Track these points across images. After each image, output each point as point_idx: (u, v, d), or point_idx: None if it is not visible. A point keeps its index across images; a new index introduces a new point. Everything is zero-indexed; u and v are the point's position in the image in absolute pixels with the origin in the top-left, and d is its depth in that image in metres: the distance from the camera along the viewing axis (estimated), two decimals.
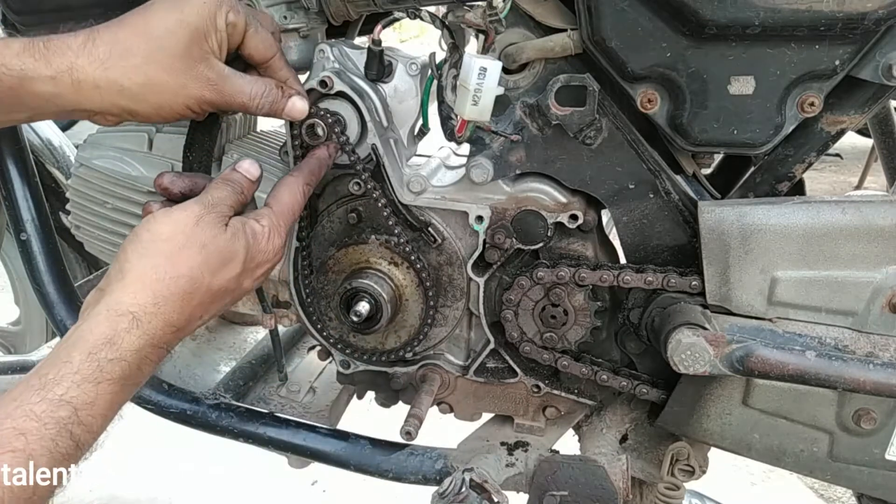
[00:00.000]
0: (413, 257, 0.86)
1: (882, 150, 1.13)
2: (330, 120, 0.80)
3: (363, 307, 0.83)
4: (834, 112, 0.77)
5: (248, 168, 0.73)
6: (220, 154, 0.95)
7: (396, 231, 0.84)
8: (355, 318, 0.83)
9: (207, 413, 1.02)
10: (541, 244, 0.84)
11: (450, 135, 0.79)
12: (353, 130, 0.83)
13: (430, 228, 0.86)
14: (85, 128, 1.13)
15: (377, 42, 0.83)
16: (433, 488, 0.84)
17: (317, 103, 0.81)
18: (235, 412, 1.02)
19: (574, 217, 0.82)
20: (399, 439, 0.90)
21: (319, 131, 0.81)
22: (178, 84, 0.70)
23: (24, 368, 1.20)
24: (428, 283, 0.87)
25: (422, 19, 0.80)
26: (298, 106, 0.76)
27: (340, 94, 0.81)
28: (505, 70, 0.79)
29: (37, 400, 0.55)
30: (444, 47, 0.80)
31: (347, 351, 0.94)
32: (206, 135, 0.84)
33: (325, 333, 0.93)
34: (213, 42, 0.70)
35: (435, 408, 0.97)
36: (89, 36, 0.67)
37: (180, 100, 0.70)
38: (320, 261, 0.89)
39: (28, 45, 0.65)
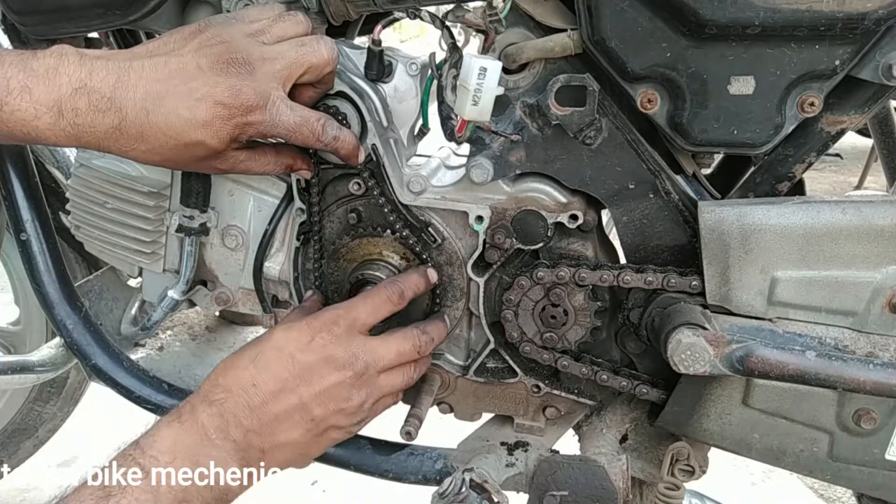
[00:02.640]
0: (425, 255, 0.87)
1: (882, 150, 1.13)
2: (339, 117, 0.80)
3: None
4: (834, 112, 0.77)
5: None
6: None
7: (397, 229, 0.85)
8: None
9: None
10: (541, 244, 0.84)
11: (450, 135, 0.79)
12: (353, 130, 0.83)
13: (430, 228, 0.86)
14: None
15: (377, 42, 0.83)
16: (433, 488, 0.84)
17: (320, 102, 0.81)
18: None
19: (574, 217, 0.82)
20: (399, 439, 0.90)
21: None
22: (191, 169, 0.78)
23: (24, 368, 1.20)
24: (437, 281, 0.88)
25: (422, 19, 0.80)
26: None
27: (340, 94, 0.81)
28: (505, 70, 0.79)
29: None
30: (444, 47, 0.80)
31: None
32: None
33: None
34: (233, 146, 0.73)
35: (435, 408, 0.97)
36: (118, 127, 0.67)
37: None
38: (333, 248, 0.90)
39: (59, 120, 0.66)
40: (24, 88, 0.64)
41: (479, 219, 0.84)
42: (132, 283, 1.15)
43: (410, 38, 7.80)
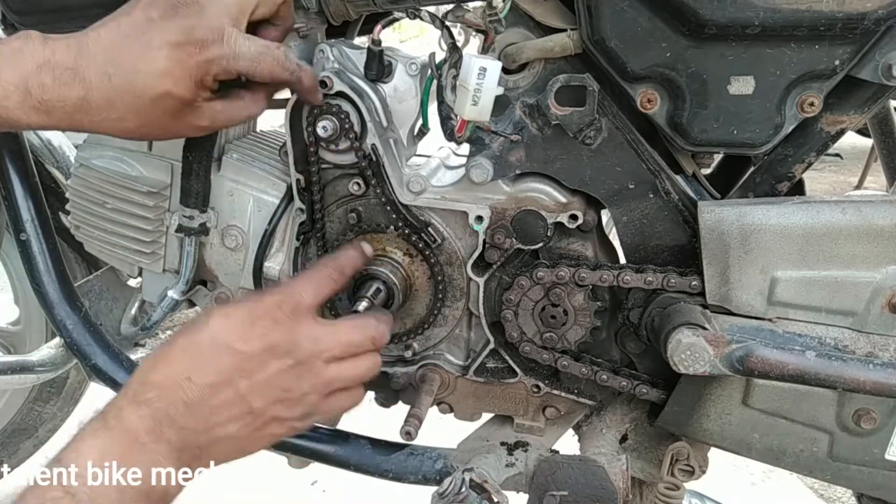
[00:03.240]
0: (427, 252, 0.87)
1: (882, 150, 1.12)
2: (342, 115, 0.80)
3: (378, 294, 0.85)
4: (834, 112, 0.77)
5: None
6: (219, 154, 0.95)
7: (399, 227, 0.85)
8: (367, 307, 0.83)
9: None
10: (541, 244, 0.84)
11: (450, 135, 0.79)
12: (353, 130, 0.83)
13: (429, 228, 0.86)
14: None
15: (377, 42, 0.83)
16: (433, 488, 0.84)
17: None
18: None
19: (574, 217, 0.82)
20: (399, 439, 0.90)
21: (329, 127, 0.81)
22: (172, 135, 0.75)
23: (24, 368, 1.20)
24: (440, 278, 0.88)
25: (422, 19, 0.80)
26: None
27: (340, 94, 0.81)
28: (505, 70, 0.79)
29: None
30: (444, 47, 0.80)
31: None
32: (205, 135, 0.84)
33: (333, 313, 0.94)
34: (203, 94, 0.71)
35: (435, 408, 0.97)
36: (84, 97, 0.68)
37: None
38: (337, 243, 0.90)
39: (27, 97, 0.67)
40: None
41: (479, 219, 0.84)
42: (132, 283, 1.15)
43: (410, 38, 7.80)
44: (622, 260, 0.87)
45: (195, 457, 0.66)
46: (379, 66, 0.84)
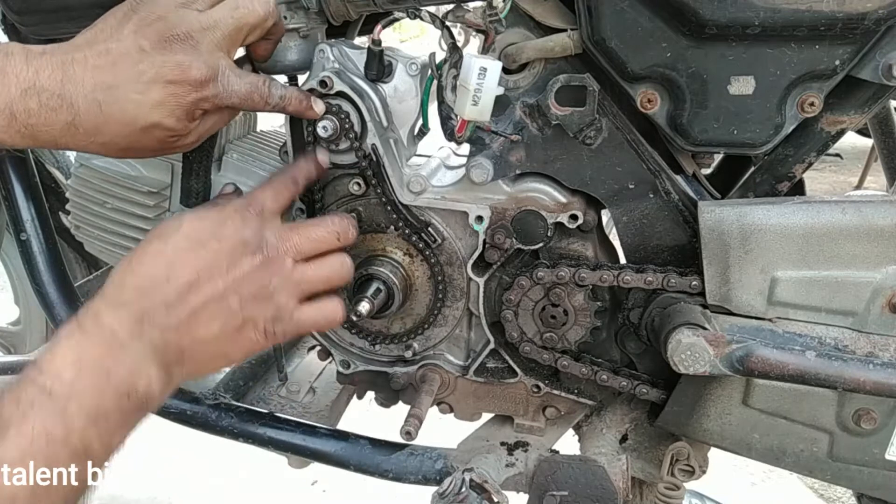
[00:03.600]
0: (427, 252, 0.87)
1: (882, 150, 1.13)
2: (342, 115, 0.80)
3: (377, 294, 0.85)
4: (834, 112, 0.77)
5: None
6: (220, 154, 0.95)
7: (399, 227, 0.85)
8: (367, 308, 0.83)
9: (207, 413, 1.02)
10: (541, 244, 0.84)
11: (450, 135, 0.79)
12: (354, 129, 0.83)
13: (429, 228, 0.86)
14: None
15: (377, 42, 0.83)
16: (433, 488, 0.84)
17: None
18: (235, 412, 1.02)
19: (574, 217, 0.82)
20: (399, 439, 0.90)
21: (329, 127, 0.81)
22: (158, 155, 0.77)
23: (24, 368, 1.20)
24: (440, 278, 0.88)
25: (422, 19, 0.80)
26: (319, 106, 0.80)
27: (340, 94, 0.81)
28: (505, 70, 0.79)
29: None
30: (444, 47, 0.80)
31: (353, 331, 0.94)
32: None
33: None
34: (192, 124, 0.72)
35: (435, 408, 0.97)
36: (72, 123, 0.67)
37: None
38: None
39: (12, 122, 0.66)
40: None
41: (479, 219, 0.84)
42: None
43: (410, 38, 7.81)
44: (622, 260, 0.87)
45: (177, 361, 0.66)
46: (379, 66, 0.84)
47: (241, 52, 0.79)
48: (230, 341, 0.69)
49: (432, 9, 0.80)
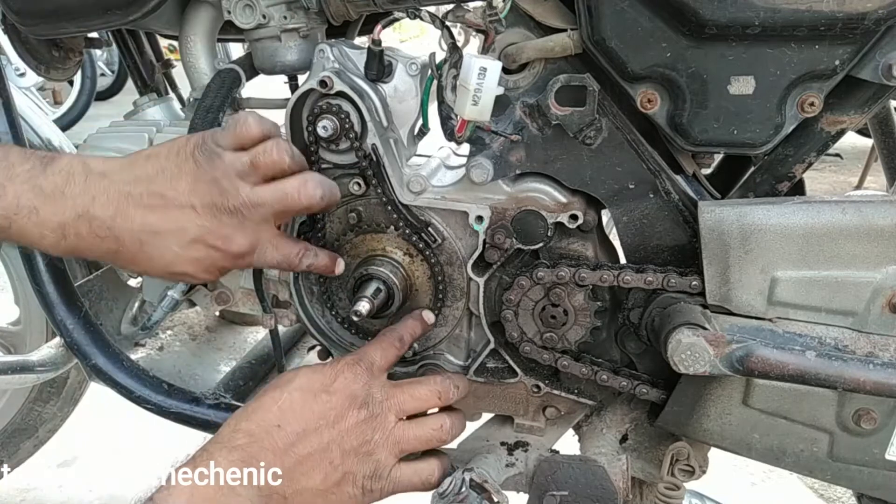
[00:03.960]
0: (428, 252, 0.87)
1: (882, 150, 1.13)
2: (342, 115, 0.80)
3: (377, 294, 0.86)
4: (834, 112, 0.77)
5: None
6: None
7: (399, 227, 0.85)
8: (367, 308, 0.83)
9: (207, 413, 1.02)
10: (541, 244, 0.84)
11: (450, 135, 0.79)
12: (354, 129, 0.83)
13: (429, 228, 0.86)
14: (85, 128, 1.13)
15: (377, 42, 0.83)
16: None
17: (320, 102, 0.81)
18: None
19: (574, 217, 0.82)
20: None
21: (329, 127, 0.81)
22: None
23: (24, 368, 1.19)
24: (440, 278, 0.88)
25: (422, 19, 0.80)
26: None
27: (340, 94, 0.81)
28: (505, 70, 0.79)
29: None
30: (444, 47, 0.80)
31: (353, 331, 0.94)
32: None
33: (333, 312, 0.94)
34: (220, 275, 0.78)
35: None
36: (115, 251, 0.72)
37: None
38: (337, 244, 0.90)
39: (61, 241, 0.70)
40: (32, 210, 0.69)
41: (479, 219, 0.84)
42: (132, 283, 1.15)
43: (410, 38, 7.80)
44: (622, 260, 0.87)
45: None
46: (379, 66, 0.84)
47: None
48: (329, 494, 0.73)
49: (432, 9, 0.80)
